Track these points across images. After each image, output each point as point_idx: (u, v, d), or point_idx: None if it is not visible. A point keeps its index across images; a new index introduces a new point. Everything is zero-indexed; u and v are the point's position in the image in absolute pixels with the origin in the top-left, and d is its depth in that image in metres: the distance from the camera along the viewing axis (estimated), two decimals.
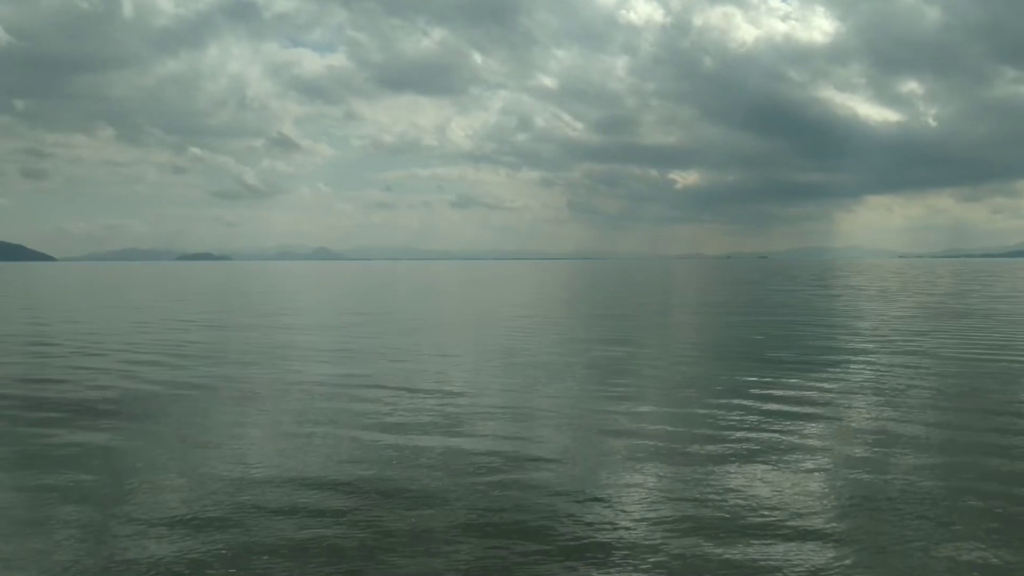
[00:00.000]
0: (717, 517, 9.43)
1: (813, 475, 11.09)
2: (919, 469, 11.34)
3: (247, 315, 43.47)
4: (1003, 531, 8.93)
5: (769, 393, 17.21)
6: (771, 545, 8.54)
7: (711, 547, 8.51)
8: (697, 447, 12.71)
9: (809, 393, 17.25)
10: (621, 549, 8.50)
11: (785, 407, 15.67)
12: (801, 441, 13.00)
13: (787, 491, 10.36)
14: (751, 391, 17.51)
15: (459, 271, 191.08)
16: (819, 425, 14.20)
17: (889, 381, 18.79)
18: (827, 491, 10.41)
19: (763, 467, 11.48)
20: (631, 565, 8.12)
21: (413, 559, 8.36)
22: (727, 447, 12.60)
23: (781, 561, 8.16)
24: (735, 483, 10.71)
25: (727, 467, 11.50)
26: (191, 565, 8.15)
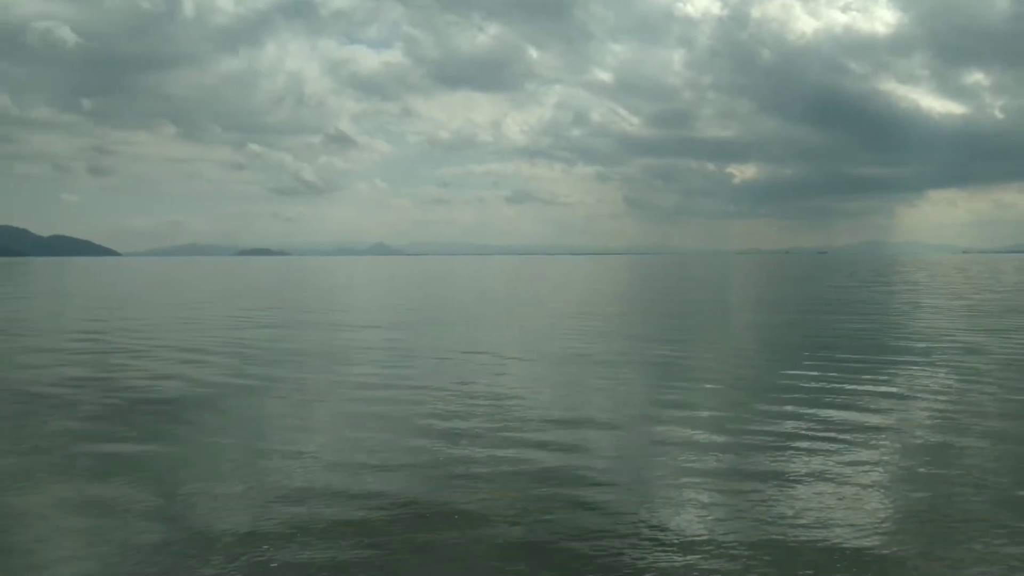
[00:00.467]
0: (772, 533, 9.08)
1: (873, 486, 10.66)
2: (986, 480, 10.87)
3: (309, 311, 43.81)
4: None
5: (827, 396, 16.72)
6: (829, 564, 8.20)
7: (766, 567, 8.20)
8: (753, 454, 12.33)
9: (869, 396, 16.72)
10: (669, 565, 8.23)
11: (844, 411, 15.18)
12: (861, 447, 12.53)
13: (846, 504, 9.95)
14: (809, 394, 17.02)
15: (514, 266, 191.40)
16: (879, 430, 13.69)
17: (953, 384, 18.17)
18: (887, 504, 9.97)
19: (821, 477, 11.07)
20: None
21: (456, 571, 8.21)
22: (783, 454, 12.19)
23: None
24: (791, 494, 10.31)
25: (783, 476, 11.11)
26: (240, 570, 8.09)
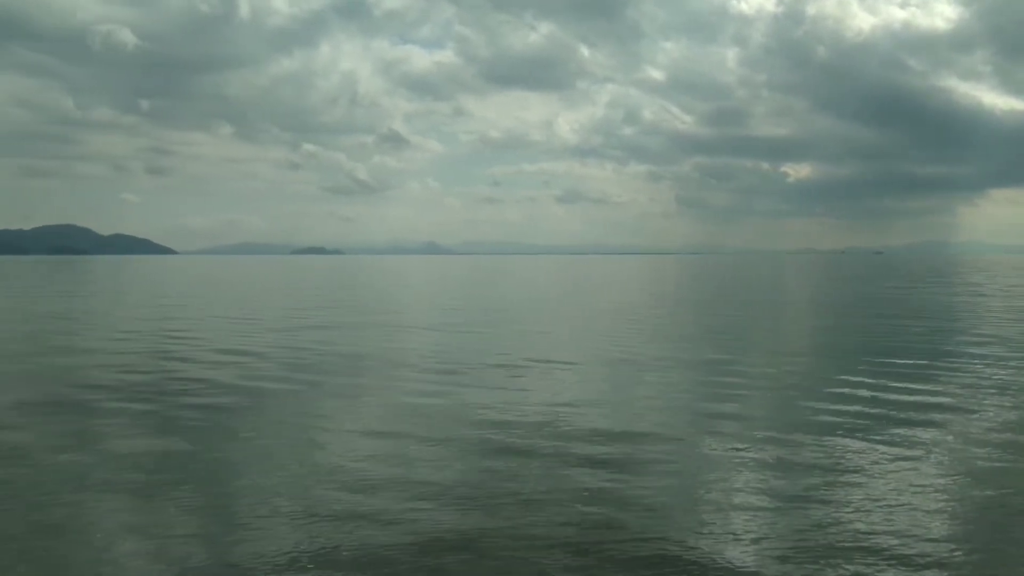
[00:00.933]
0: (826, 537, 9.02)
1: (929, 491, 10.50)
2: None
3: (366, 311, 44.21)
4: None
5: (883, 403, 16.42)
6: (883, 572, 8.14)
7: (820, 570, 8.16)
8: (807, 457, 12.23)
9: (926, 403, 16.42)
10: (719, 567, 8.24)
11: (899, 419, 14.92)
12: (916, 453, 12.34)
13: (902, 515, 9.80)
14: (864, 397, 16.78)
15: (564, 266, 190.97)
16: (936, 436, 13.46)
17: (1014, 390, 17.79)
18: (943, 509, 9.84)
19: (874, 482, 10.94)
20: None
21: (504, 566, 8.28)
22: (838, 460, 12.06)
23: None
24: (844, 498, 10.21)
25: (837, 481, 11.00)
26: (293, 566, 8.23)
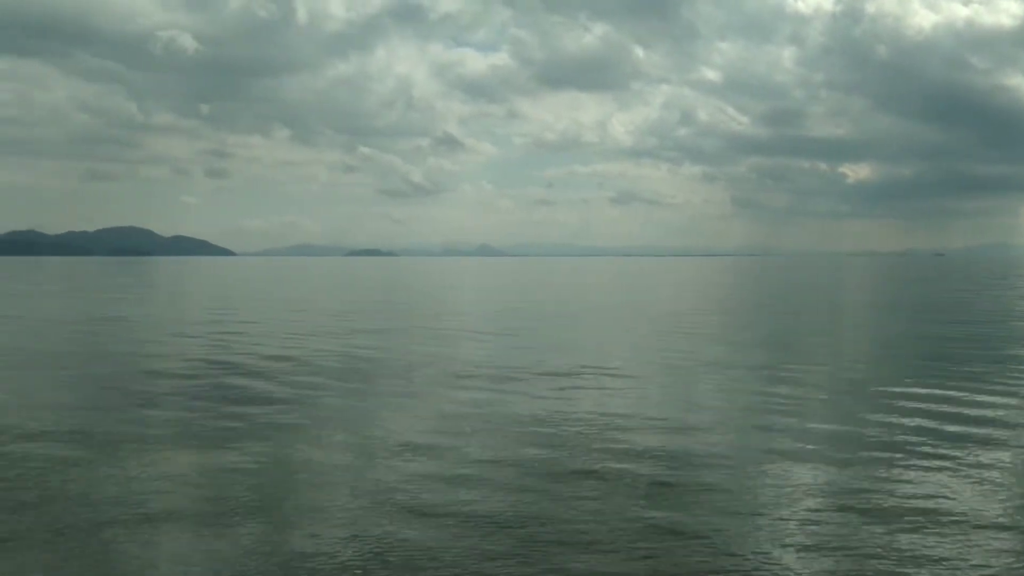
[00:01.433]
0: (889, 553, 8.82)
1: (988, 503, 10.24)
2: None
3: (425, 313, 44.45)
4: None
5: (944, 408, 16.07)
6: None
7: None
8: (866, 459, 12.00)
9: (988, 409, 15.99)
10: (779, 568, 8.16)
11: (960, 425, 14.59)
12: (978, 464, 12.00)
13: (963, 524, 9.55)
14: (930, 405, 16.38)
15: (619, 268, 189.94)
16: (996, 442, 13.13)
17: None
18: (1000, 525, 9.53)
19: (934, 489, 10.67)
20: None
21: (566, 563, 8.26)
22: (897, 465, 11.81)
23: None
24: (909, 514, 9.95)
25: (896, 487, 10.76)
26: (350, 562, 8.25)
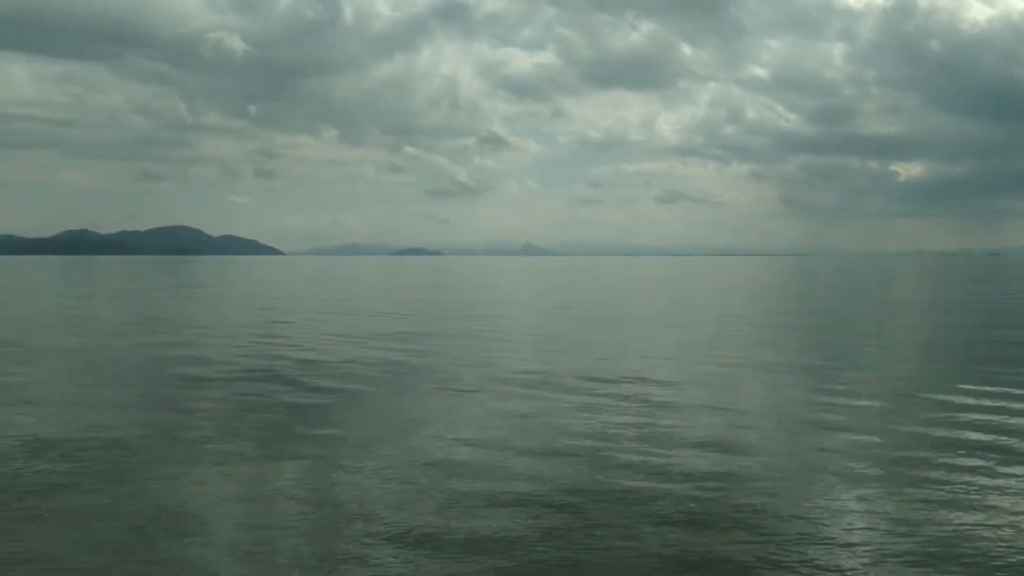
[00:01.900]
0: (935, 550, 8.37)
1: None
2: None
3: (469, 313, 44.27)
4: None
5: (1004, 416, 15.21)
6: None
7: None
8: (917, 465, 11.58)
9: None
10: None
11: (1018, 432, 13.90)
12: None
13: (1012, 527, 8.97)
14: (989, 410, 15.62)
15: (666, 267, 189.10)
16: None
17: None
18: None
19: (988, 496, 10.04)
20: None
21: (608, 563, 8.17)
22: (949, 471, 11.20)
23: None
24: (963, 525, 9.25)
25: (948, 492, 10.22)
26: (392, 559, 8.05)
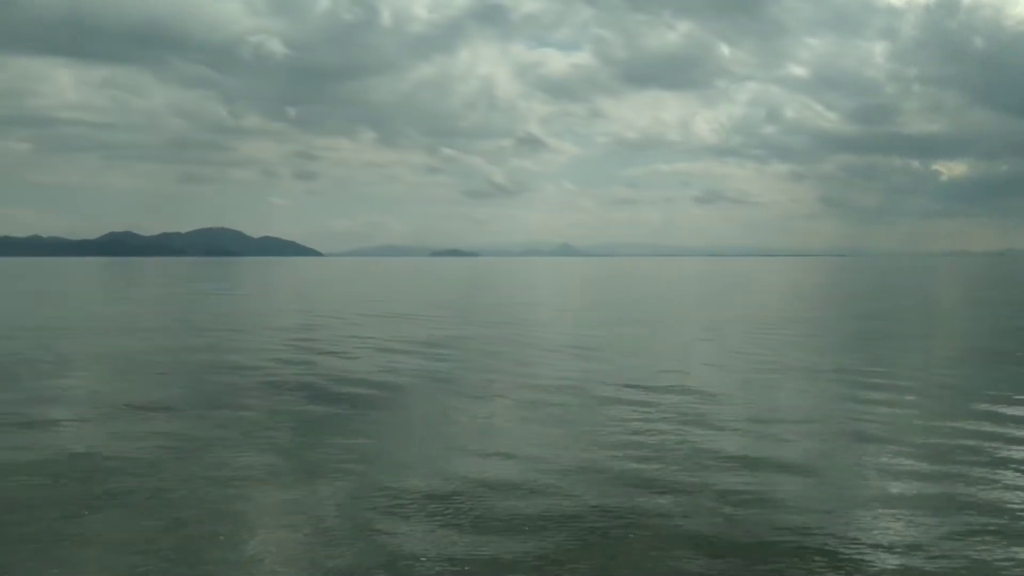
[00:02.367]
0: (979, 553, 8.22)
1: None
2: None
3: (509, 315, 44.25)
4: None
5: None
6: None
7: None
8: (959, 469, 11.39)
9: None
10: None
11: None
12: None
13: None
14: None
15: (705, 268, 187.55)
16: None
17: None
18: None
19: None
20: None
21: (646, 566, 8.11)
22: (992, 485, 10.89)
23: None
24: (1000, 530, 9.07)
25: (988, 496, 10.00)
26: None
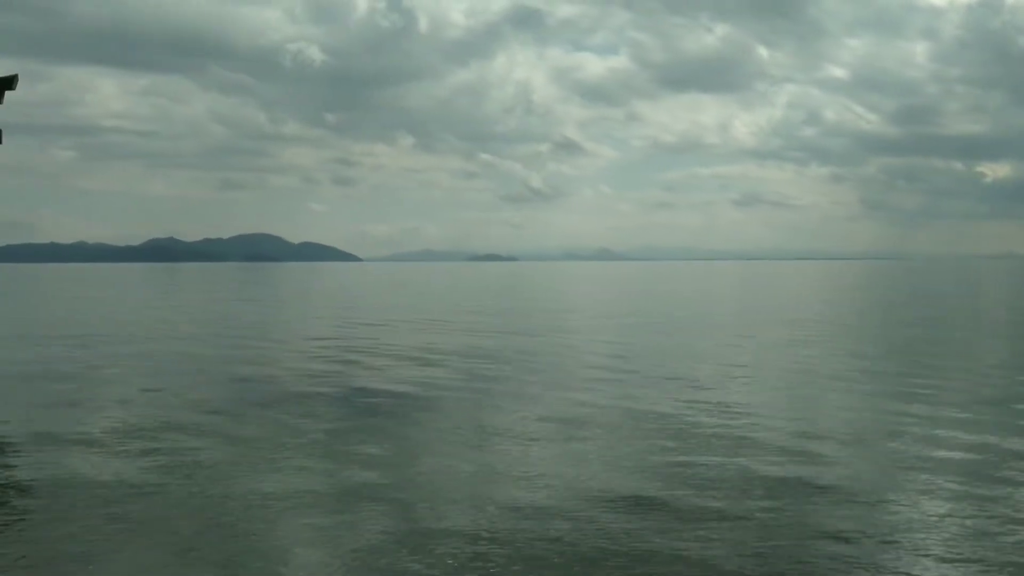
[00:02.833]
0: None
1: None
2: None
3: (551, 319, 44.13)
4: None
5: None
6: None
7: None
8: (1004, 476, 11.14)
9: None
10: None
11: None
12: None
13: None
14: None
15: (745, 272, 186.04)
16: None
17: None
18: None
19: None
20: None
21: None
22: None
23: None
24: None
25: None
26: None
